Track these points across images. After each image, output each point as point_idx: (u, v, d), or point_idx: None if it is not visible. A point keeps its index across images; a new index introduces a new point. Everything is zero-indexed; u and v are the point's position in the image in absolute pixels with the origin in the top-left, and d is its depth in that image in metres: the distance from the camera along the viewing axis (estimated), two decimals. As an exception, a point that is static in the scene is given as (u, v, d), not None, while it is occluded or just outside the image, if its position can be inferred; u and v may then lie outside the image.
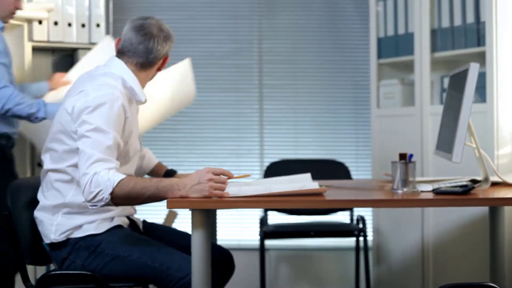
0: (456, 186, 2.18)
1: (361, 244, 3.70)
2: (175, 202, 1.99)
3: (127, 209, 2.35)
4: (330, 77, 4.22)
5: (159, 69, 2.37)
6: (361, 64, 4.16)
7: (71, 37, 3.54)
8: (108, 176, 2.00)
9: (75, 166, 2.14)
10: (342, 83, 4.24)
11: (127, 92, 2.25)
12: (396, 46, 3.60)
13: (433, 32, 3.40)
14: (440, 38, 3.38)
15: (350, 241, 3.90)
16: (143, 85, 2.33)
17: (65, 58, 3.69)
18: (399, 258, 3.60)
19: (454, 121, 2.20)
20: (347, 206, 2.10)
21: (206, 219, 1.98)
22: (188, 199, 2.00)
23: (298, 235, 3.72)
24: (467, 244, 3.26)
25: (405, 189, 2.21)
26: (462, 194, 2.11)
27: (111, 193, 1.99)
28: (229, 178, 2.08)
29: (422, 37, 3.41)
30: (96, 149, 2.05)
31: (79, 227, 2.23)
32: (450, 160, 2.17)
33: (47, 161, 2.27)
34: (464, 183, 2.25)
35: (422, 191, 2.22)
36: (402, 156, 2.22)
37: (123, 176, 2.01)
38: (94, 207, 2.05)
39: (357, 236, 3.64)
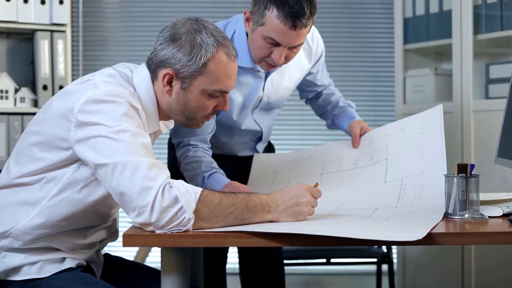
0: (537, 210, 1.72)
1: (383, 267, 3.41)
2: (134, 238, 1.55)
3: (87, 253, 1.83)
4: (345, 67, 4.04)
5: (170, 88, 1.77)
6: (383, 51, 4.02)
7: (28, 16, 3.33)
8: (185, 188, 1.56)
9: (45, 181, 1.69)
10: (359, 74, 4.06)
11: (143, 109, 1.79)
12: (427, 28, 3.32)
13: (476, 9, 3.09)
14: (485, 16, 3.06)
15: (370, 265, 3.62)
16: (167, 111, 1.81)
17: (22, 42, 3.49)
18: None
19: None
20: (386, 244, 1.56)
21: (181, 259, 1.60)
22: (153, 233, 1.57)
23: (308, 263, 3.38)
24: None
25: (466, 215, 1.70)
26: (553, 224, 1.63)
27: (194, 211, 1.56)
28: None
29: (462, 15, 3.10)
30: (136, 153, 1.58)
31: (17, 269, 1.76)
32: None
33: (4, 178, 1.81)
34: (546, 205, 1.78)
35: (490, 217, 1.72)
36: (462, 168, 1.75)
37: (199, 188, 1.61)
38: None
39: (380, 263, 3.37)
